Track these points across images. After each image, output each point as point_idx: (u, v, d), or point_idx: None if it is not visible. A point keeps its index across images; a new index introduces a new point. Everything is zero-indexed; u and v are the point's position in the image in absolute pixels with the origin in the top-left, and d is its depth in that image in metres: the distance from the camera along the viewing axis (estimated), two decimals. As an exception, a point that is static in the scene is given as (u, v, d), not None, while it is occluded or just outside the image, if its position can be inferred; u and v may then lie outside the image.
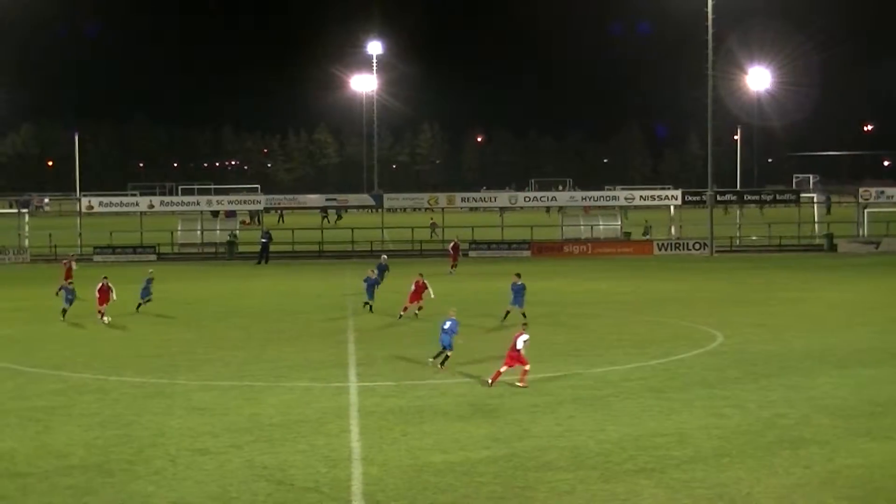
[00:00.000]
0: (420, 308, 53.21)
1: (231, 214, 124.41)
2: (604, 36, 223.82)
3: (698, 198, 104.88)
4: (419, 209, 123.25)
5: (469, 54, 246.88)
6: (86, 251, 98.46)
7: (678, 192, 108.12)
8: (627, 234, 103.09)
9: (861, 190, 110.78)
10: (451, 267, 78.76)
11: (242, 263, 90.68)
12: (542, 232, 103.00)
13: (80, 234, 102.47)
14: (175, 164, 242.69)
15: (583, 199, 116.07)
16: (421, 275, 54.15)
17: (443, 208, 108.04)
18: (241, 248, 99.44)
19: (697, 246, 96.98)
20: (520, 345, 36.79)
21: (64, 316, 53.17)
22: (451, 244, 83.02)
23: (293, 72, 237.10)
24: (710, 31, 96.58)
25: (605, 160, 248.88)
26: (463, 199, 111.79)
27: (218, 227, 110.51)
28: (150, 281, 57.41)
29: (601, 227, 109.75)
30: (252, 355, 43.20)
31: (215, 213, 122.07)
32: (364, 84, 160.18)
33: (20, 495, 25.48)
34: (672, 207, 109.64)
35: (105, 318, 52.33)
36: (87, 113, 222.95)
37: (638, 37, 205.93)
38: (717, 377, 38.55)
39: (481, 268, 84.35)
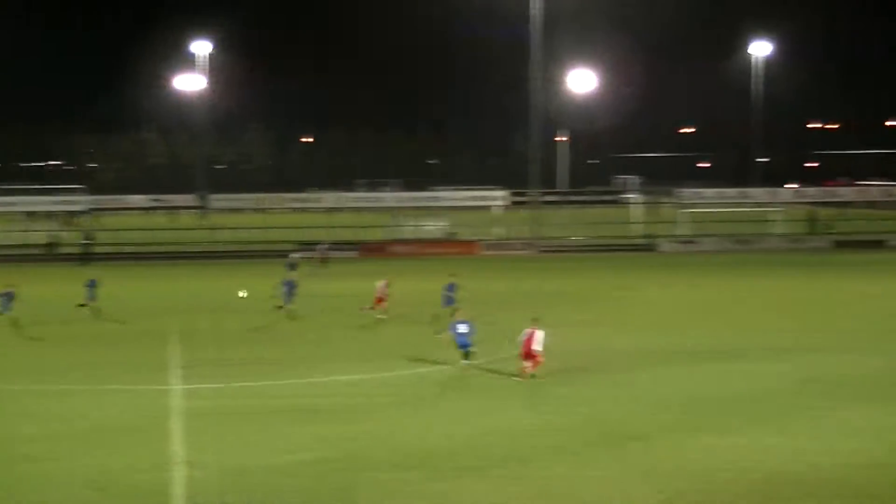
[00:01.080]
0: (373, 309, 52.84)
1: (50, 215, 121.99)
2: (430, 37, 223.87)
3: (523, 198, 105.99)
4: (246, 210, 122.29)
5: (296, 54, 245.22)
6: None
7: (504, 193, 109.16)
8: (453, 234, 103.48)
9: (679, 191, 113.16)
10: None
11: (64, 265, 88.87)
12: (370, 233, 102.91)
13: None
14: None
15: (410, 199, 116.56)
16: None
17: (269, 209, 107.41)
18: (63, 250, 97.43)
19: (523, 245, 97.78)
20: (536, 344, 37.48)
21: None
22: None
23: (119, 71, 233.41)
24: (534, 32, 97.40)
25: (432, 161, 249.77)
26: (290, 200, 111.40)
27: (40, 228, 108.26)
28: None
29: (428, 227, 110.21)
30: (72, 359, 42.38)
31: (50, 215, 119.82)
32: (190, 84, 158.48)
33: None
34: (497, 207, 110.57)
35: None
36: None
37: (463, 37, 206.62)
38: (541, 374, 38.82)
39: (308, 269, 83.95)
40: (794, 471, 26.60)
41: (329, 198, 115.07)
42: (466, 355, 39.47)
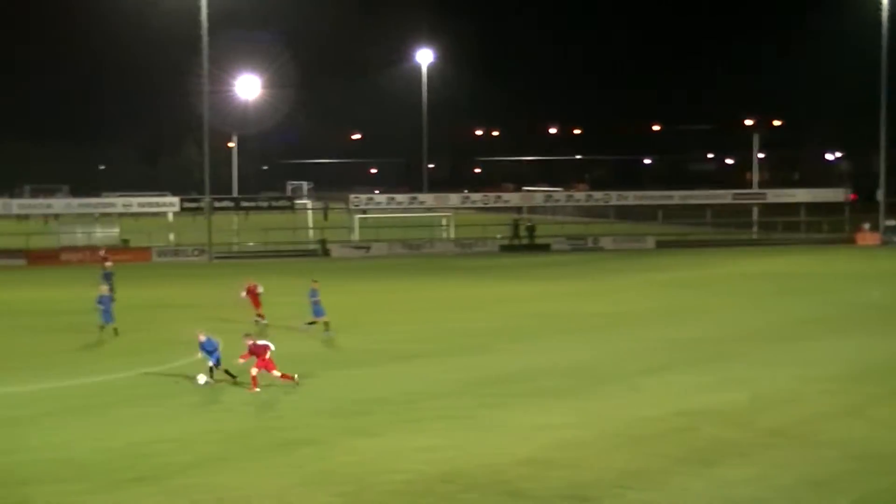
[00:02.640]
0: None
1: None
2: (99, 38, 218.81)
3: (196, 204, 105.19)
4: None
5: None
6: None
7: (176, 199, 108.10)
8: (126, 241, 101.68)
9: (352, 196, 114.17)
10: None
11: None
12: (39, 240, 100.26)
13: None
14: None
15: (79, 205, 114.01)
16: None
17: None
18: None
19: (196, 252, 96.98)
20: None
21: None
22: None
23: None
24: (205, 38, 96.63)
25: (102, 167, 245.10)
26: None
27: None
28: None
29: (99, 234, 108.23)
30: None
31: None
32: None
33: None
34: (170, 214, 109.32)
35: None
36: None
37: (135, 40, 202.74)
38: (216, 382, 38.71)
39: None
40: (470, 470, 27.26)
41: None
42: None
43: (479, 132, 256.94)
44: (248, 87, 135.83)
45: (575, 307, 59.27)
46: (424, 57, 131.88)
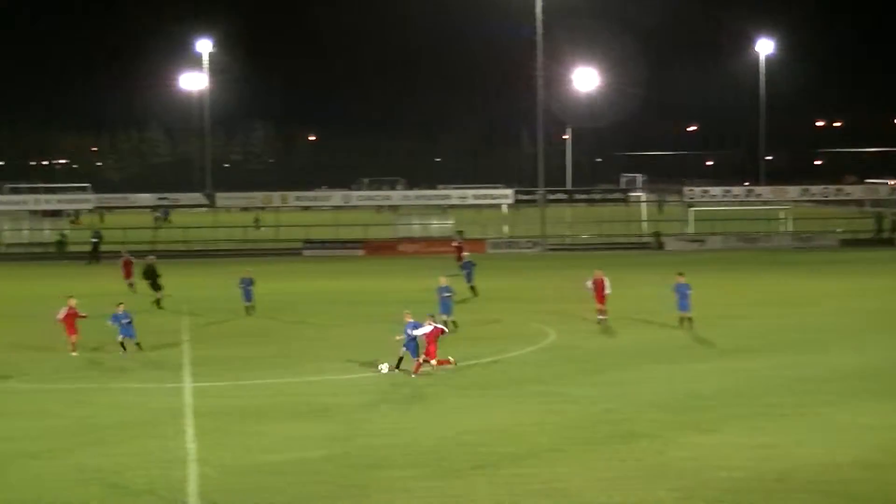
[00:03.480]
0: None
1: (56, 214, 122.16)
2: (436, 35, 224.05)
3: (530, 196, 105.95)
4: (252, 208, 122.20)
5: (300, 53, 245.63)
6: None
7: (510, 192, 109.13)
8: (461, 233, 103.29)
9: (686, 189, 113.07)
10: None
11: (72, 263, 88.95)
12: (376, 231, 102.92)
13: None
14: (1, 163, 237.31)
15: (416, 197, 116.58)
16: None
17: (276, 207, 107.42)
18: (71, 248, 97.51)
19: (529, 244, 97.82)
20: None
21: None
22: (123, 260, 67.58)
23: (124, 69, 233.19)
24: (539, 31, 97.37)
25: (438, 159, 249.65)
26: (296, 198, 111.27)
27: (46, 226, 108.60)
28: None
29: (434, 225, 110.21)
30: (84, 357, 42.38)
31: (50, 213, 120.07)
32: (195, 82, 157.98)
33: None
34: (504, 206, 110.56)
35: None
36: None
37: (470, 36, 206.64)
38: (550, 373, 38.96)
39: (316, 266, 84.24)
40: (803, 469, 26.62)
41: (335, 196, 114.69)
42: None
43: (820, 123, 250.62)
44: (585, 79, 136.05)
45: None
46: (764, 47, 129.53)
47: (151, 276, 58.29)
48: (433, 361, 37.95)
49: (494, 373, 39.24)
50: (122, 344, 42.06)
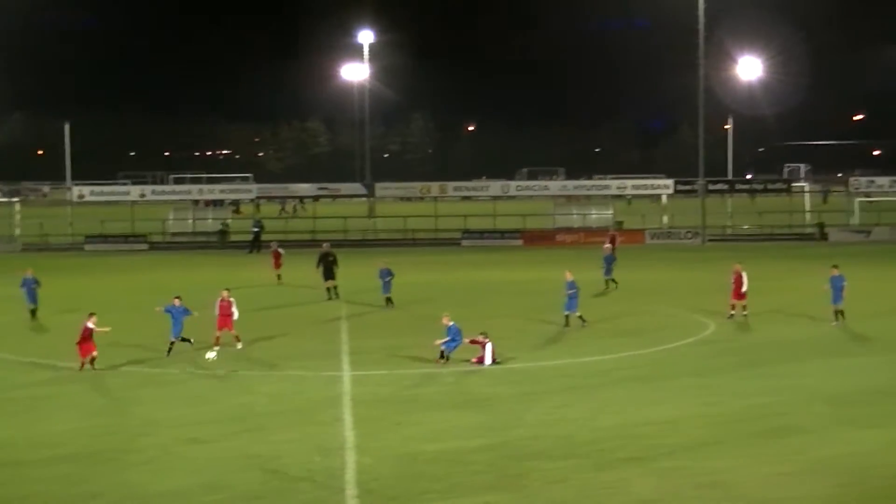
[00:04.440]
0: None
1: (217, 203, 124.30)
2: (595, 25, 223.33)
3: (690, 187, 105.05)
4: (411, 198, 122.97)
5: (458, 43, 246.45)
6: (76, 240, 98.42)
7: (670, 182, 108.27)
8: (620, 223, 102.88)
9: (852, 179, 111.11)
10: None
11: (234, 252, 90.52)
12: (535, 221, 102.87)
13: (72, 223, 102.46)
14: (166, 154, 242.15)
15: (574, 188, 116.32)
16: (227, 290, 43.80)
17: (435, 197, 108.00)
18: (233, 238, 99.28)
19: (689, 235, 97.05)
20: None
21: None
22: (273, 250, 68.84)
23: (284, 61, 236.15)
24: (702, 20, 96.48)
25: (597, 150, 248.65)
26: (455, 188, 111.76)
27: (210, 216, 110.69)
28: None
29: (593, 215, 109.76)
30: (244, 344, 43.04)
31: (213, 203, 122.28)
32: (355, 73, 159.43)
33: (14, 484, 25.54)
34: (664, 196, 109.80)
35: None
36: (79, 103, 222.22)
37: (630, 27, 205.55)
38: (709, 366, 38.71)
39: (474, 257, 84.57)
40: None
41: (494, 186, 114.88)
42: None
43: None
44: (749, 67, 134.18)
45: None
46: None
47: (327, 262, 58.00)
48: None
49: (653, 365, 39.08)
50: (174, 343, 41.20)
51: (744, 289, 48.22)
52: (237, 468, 26.46)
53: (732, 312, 48.42)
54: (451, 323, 38.73)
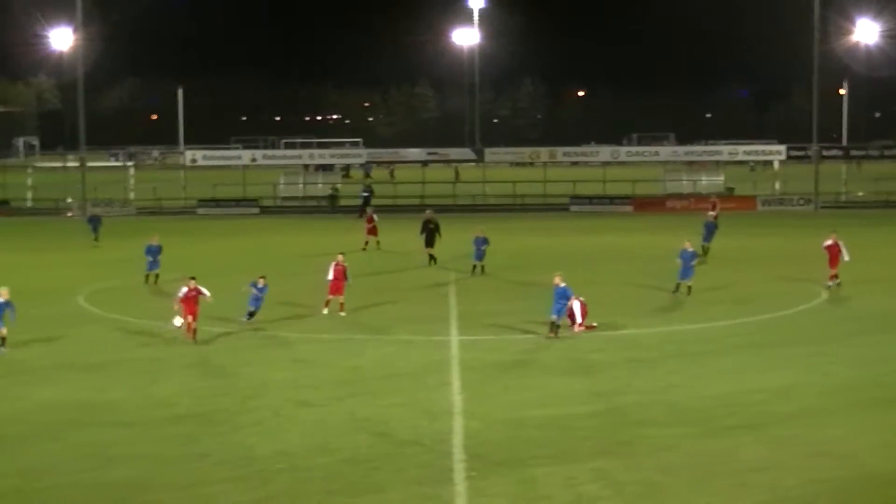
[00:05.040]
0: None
1: (327, 168, 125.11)
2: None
3: (803, 153, 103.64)
4: (520, 164, 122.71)
5: (569, 8, 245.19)
6: (189, 204, 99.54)
7: (782, 148, 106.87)
8: (731, 190, 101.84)
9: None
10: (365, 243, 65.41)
11: (344, 217, 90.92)
12: (644, 187, 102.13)
13: (185, 187, 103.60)
14: (277, 119, 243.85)
15: (685, 153, 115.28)
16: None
17: (544, 163, 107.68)
18: (342, 202, 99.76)
19: (801, 201, 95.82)
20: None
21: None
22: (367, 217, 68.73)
23: (394, 26, 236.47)
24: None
25: (708, 115, 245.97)
26: (564, 154, 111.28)
27: (320, 181, 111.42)
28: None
29: (704, 182, 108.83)
30: (353, 309, 43.29)
31: (323, 168, 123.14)
32: (465, 38, 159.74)
33: (128, 443, 25.98)
34: (776, 162, 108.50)
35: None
36: (192, 68, 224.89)
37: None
38: (820, 334, 38.31)
39: (582, 223, 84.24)
40: None
41: (603, 151, 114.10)
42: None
43: None
44: (867, 30, 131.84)
45: None
46: None
47: (428, 230, 57.82)
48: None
49: (763, 332, 38.75)
50: (251, 314, 40.29)
51: (846, 258, 47.36)
52: (345, 431, 26.67)
53: (830, 283, 47.52)
54: (563, 284, 38.10)
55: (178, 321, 37.00)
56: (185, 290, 37.70)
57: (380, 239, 64.61)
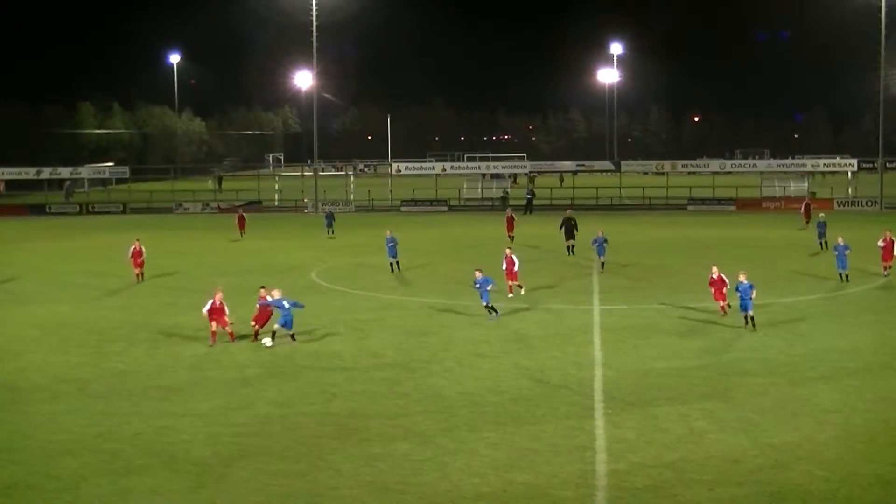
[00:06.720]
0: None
1: (498, 177, 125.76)
2: (800, 22, 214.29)
3: (871, 165, 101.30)
4: (648, 173, 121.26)
5: (689, 51, 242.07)
6: (394, 204, 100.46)
7: (854, 161, 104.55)
8: (813, 194, 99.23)
9: None
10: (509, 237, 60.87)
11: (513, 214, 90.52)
12: (745, 191, 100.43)
13: (391, 190, 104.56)
14: (462, 138, 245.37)
15: (777, 165, 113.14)
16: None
17: (667, 172, 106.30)
18: (511, 202, 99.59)
19: (869, 203, 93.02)
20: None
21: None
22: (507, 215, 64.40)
23: (552, 66, 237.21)
24: (884, 4, 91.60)
25: (796, 135, 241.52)
26: (683, 165, 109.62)
27: (494, 186, 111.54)
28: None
29: (792, 187, 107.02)
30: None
31: (496, 176, 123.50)
32: (607, 76, 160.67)
33: (347, 383, 26.44)
34: (849, 172, 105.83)
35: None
36: (397, 98, 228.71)
37: (820, 29, 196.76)
38: (884, 306, 37.32)
39: (696, 218, 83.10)
40: None
41: (713, 163, 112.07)
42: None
43: None
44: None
45: None
46: None
47: (568, 225, 56.91)
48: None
49: (839, 304, 37.85)
50: (490, 308, 35.51)
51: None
52: (512, 377, 26.79)
53: (885, 272, 45.14)
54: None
55: (267, 342, 30.83)
56: (210, 302, 31.28)
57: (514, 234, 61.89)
